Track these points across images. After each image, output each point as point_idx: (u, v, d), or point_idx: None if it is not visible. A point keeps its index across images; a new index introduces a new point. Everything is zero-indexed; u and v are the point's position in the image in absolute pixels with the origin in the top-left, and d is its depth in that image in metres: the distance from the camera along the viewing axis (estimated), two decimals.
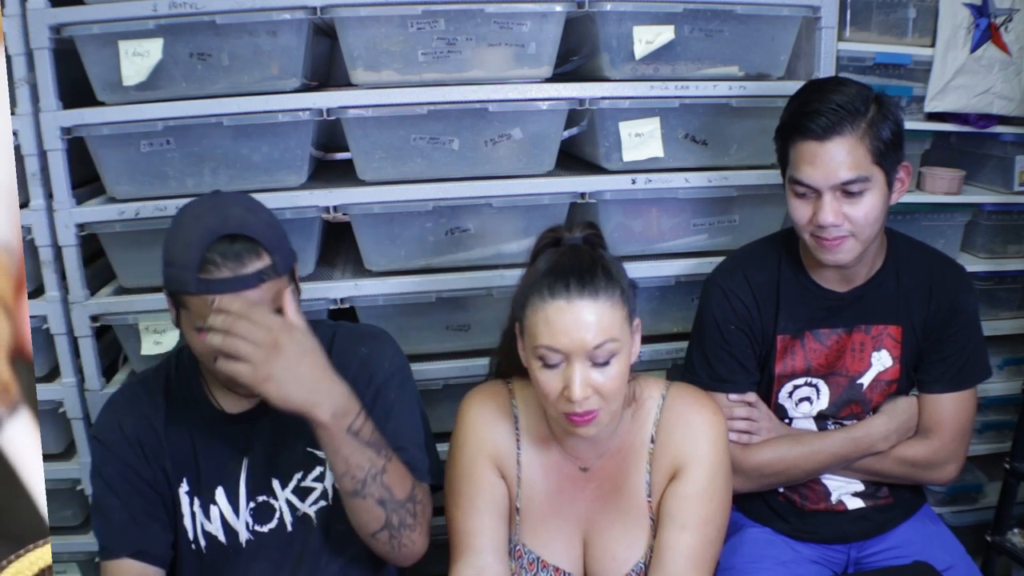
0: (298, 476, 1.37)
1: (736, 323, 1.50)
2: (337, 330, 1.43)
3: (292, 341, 1.16)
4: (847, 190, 1.32)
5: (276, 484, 1.36)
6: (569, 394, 1.18)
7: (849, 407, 1.52)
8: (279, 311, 1.23)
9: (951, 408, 1.48)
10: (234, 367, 1.15)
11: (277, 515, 1.36)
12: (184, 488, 1.35)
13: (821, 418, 1.53)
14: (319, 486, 1.37)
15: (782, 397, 1.54)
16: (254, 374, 1.14)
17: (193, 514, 1.35)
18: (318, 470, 1.37)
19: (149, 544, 1.32)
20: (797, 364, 1.51)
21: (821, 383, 1.52)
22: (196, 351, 1.26)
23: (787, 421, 1.55)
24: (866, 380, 1.50)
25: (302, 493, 1.37)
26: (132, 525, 1.31)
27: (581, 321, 1.17)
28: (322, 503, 1.38)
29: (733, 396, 1.51)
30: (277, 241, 1.26)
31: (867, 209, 1.33)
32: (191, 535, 1.36)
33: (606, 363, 1.19)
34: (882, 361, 1.49)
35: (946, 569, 1.48)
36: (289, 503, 1.37)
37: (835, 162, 1.31)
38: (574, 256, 1.23)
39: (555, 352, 1.18)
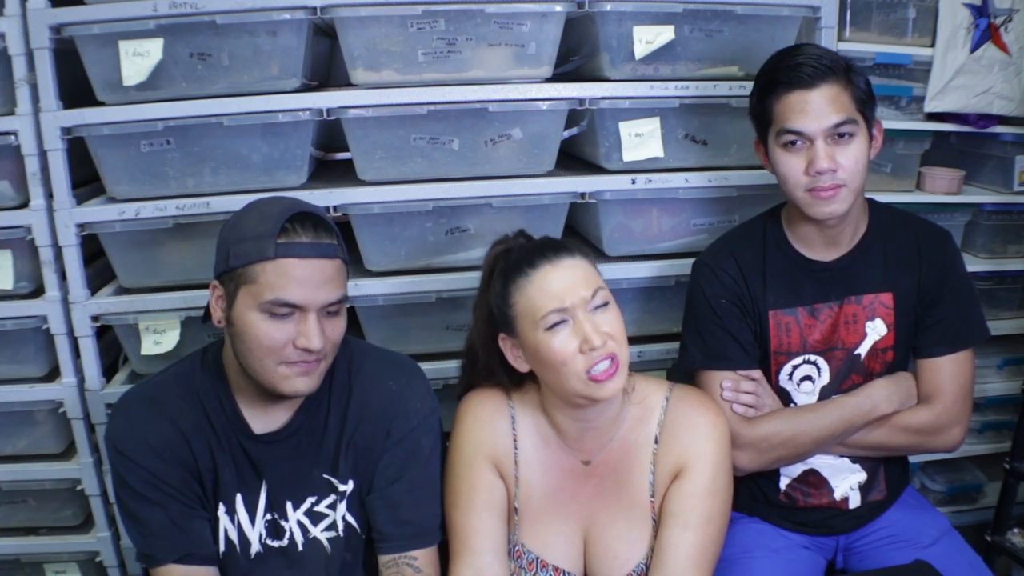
0: (311, 500, 1.36)
1: (726, 297, 1.51)
2: (355, 351, 1.40)
3: None
4: (839, 132, 1.36)
5: (289, 506, 1.35)
6: (589, 344, 1.21)
7: (850, 379, 1.52)
8: (344, 300, 1.26)
9: (950, 370, 1.49)
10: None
11: (288, 534, 1.36)
12: (211, 491, 1.33)
13: (824, 396, 1.54)
14: (332, 514, 1.37)
15: (783, 380, 1.54)
16: None
17: (218, 518, 1.34)
18: (332, 498, 1.36)
19: (194, 546, 1.30)
20: (793, 341, 1.52)
21: (820, 360, 1.52)
22: (259, 340, 1.21)
23: (791, 406, 1.55)
24: (863, 350, 1.51)
25: (315, 517, 1.37)
26: (172, 529, 1.29)
27: (570, 276, 1.24)
28: (333, 533, 1.37)
29: (741, 371, 1.51)
30: (340, 234, 1.28)
31: (856, 154, 1.38)
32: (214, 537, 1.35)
33: (605, 308, 1.25)
34: (876, 330, 1.50)
35: (932, 543, 1.51)
36: (301, 524, 1.36)
37: (825, 108, 1.36)
38: (535, 241, 1.34)
39: (560, 312, 1.23)
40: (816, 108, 1.36)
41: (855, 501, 1.57)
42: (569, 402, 1.29)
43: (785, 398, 1.54)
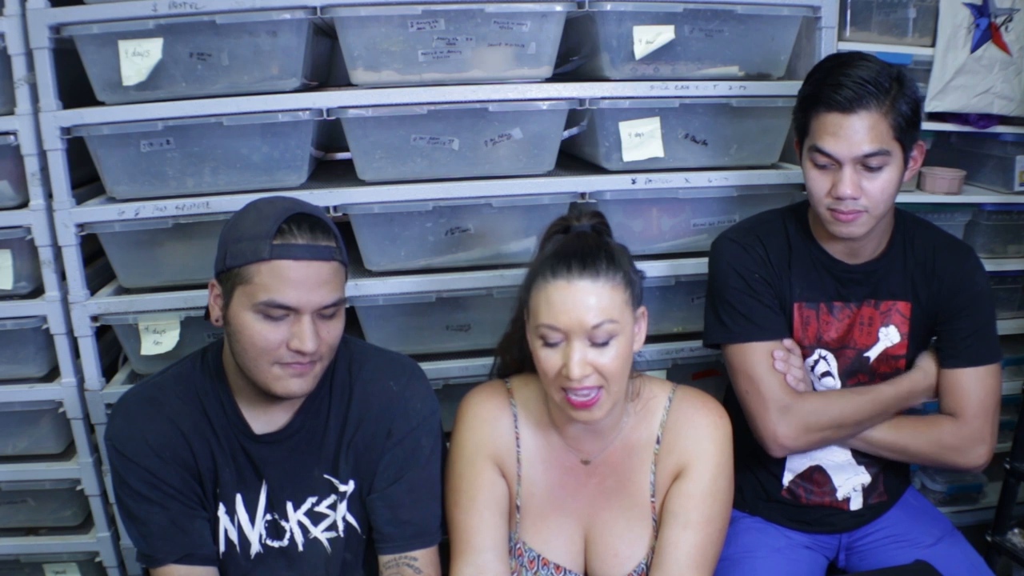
0: (312, 500, 1.36)
1: (761, 273, 1.49)
2: (356, 351, 1.39)
3: None
4: (868, 164, 1.34)
5: (289, 506, 1.35)
6: (567, 372, 1.19)
7: (856, 377, 1.52)
8: (342, 303, 1.25)
9: (971, 386, 1.48)
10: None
11: (288, 535, 1.36)
12: (211, 491, 1.33)
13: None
14: (332, 514, 1.36)
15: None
16: None
17: (218, 518, 1.34)
18: (332, 498, 1.36)
19: (194, 546, 1.30)
20: (809, 335, 1.52)
21: (830, 356, 1.52)
22: (253, 340, 1.21)
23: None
24: (873, 354, 1.51)
25: (315, 517, 1.36)
26: (172, 529, 1.29)
27: (580, 301, 1.19)
28: (333, 533, 1.37)
29: (787, 342, 1.49)
30: (340, 236, 1.27)
31: (884, 184, 1.35)
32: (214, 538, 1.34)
33: (605, 344, 1.21)
34: (889, 337, 1.50)
35: (934, 543, 1.51)
36: (301, 525, 1.36)
37: (858, 135, 1.32)
38: (579, 241, 1.27)
39: (555, 331, 1.21)
40: (850, 134, 1.32)
41: (856, 503, 1.57)
42: None
43: None
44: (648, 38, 1.71)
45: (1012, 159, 2.04)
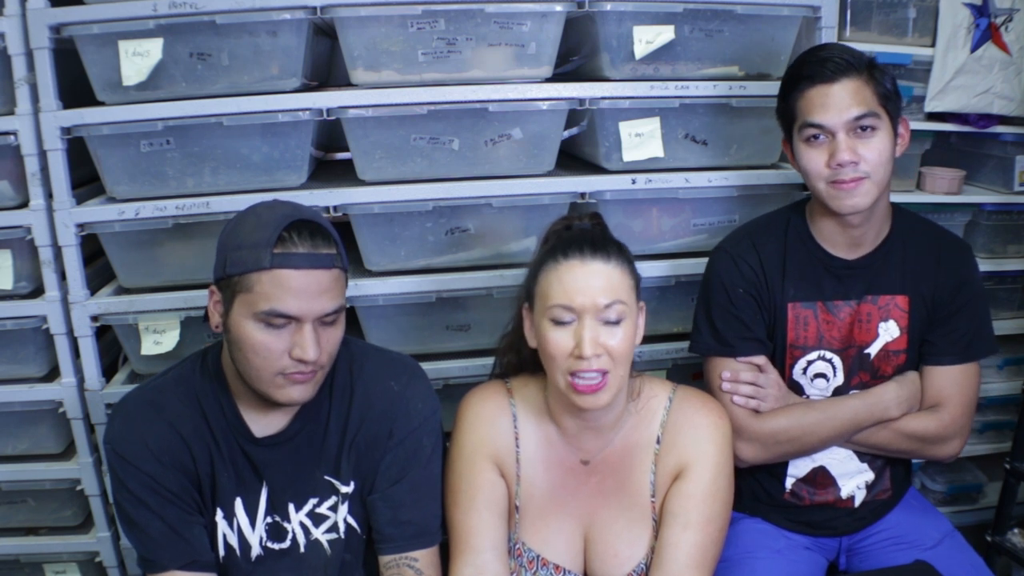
0: (313, 502, 1.36)
1: (744, 287, 1.51)
2: (356, 352, 1.39)
3: None
4: (860, 125, 1.37)
5: (291, 507, 1.35)
6: (580, 351, 1.20)
7: (859, 376, 1.52)
8: (342, 310, 1.25)
9: (959, 381, 1.49)
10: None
11: (290, 536, 1.35)
12: (209, 496, 1.33)
13: (836, 395, 1.54)
14: (333, 516, 1.36)
15: (796, 373, 1.54)
16: None
17: (216, 523, 1.33)
18: (333, 499, 1.36)
19: (197, 553, 1.29)
20: (810, 335, 1.51)
21: (836, 358, 1.52)
22: (254, 349, 1.20)
23: (804, 396, 1.55)
24: (873, 350, 1.51)
25: (316, 519, 1.36)
26: (174, 536, 1.28)
27: (593, 280, 1.22)
28: (334, 535, 1.37)
29: (741, 358, 1.50)
30: (340, 242, 1.27)
31: (879, 147, 1.38)
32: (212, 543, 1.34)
33: (615, 325, 1.23)
34: (889, 331, 1.50)
35: (935, 545, 1.52)
36: (303, 526, 1.36)
37: (845, 101, 1.36)
38: (586, 230, 1.32)
39: (567, 310, 1.22)
40: (837, 101, 1.36)
41: (860, 499, 1.57)
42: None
43: (797, 391, 1.54)
44: (648, 38, 1.71)
45: (1012, 159, 2.04)
